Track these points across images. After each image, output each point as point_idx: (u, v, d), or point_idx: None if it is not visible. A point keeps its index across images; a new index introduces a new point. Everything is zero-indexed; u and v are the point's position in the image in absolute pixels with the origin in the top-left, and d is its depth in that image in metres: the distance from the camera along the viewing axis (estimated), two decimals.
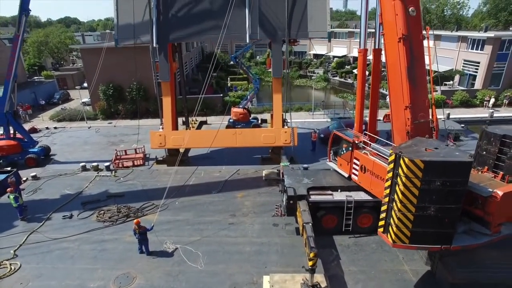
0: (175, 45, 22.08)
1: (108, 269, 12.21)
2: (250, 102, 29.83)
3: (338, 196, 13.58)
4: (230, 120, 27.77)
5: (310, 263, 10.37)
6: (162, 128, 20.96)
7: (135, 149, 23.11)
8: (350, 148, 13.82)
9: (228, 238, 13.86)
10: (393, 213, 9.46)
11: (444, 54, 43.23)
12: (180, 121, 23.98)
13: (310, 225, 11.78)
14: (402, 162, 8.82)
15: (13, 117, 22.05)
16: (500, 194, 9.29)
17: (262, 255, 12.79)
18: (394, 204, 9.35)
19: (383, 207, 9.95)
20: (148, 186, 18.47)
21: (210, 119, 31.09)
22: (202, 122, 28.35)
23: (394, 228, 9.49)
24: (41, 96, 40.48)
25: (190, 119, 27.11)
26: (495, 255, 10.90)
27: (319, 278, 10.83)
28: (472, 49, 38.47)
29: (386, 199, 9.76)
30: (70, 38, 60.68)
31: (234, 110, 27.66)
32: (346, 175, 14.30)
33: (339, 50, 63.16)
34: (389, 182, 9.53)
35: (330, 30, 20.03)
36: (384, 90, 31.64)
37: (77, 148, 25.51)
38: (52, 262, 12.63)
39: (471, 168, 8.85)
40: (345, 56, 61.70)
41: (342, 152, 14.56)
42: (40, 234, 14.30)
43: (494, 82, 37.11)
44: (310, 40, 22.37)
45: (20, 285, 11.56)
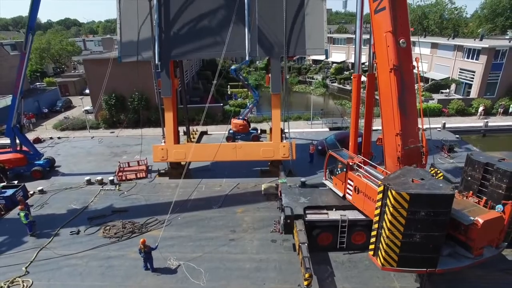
0: (177, 61, 22.79)
1: (115, 286, 12.91)
2: (250, 112, 30.52)
3: (333, 215, 14.29)
4: (230, 131, 28.52)
5: (306, 283, 11.09)
6: (164, 142, 21.70)
7: (138, 161, 23.80)
8: (345, 169, 14.52)
9: (229, 254, 14.56)
10: (382, 238, 10.19)
11: (440, 62, 44.01)
12: (181, 130, 24.53)
13: (306, 245, 12.49)
14: (390, 194, 9.55)
15: (19, 130, 22.79)
16: (481, 222, 10.02)
17: (261, 272, 13.49)
18: (383, 230, 10.08)
19: (373, 232, 10.67)
20: (151, 200, 19.17)
21: (210, 129, 31.88)
22: (202, 133, 29.04)
23: (383, 252, 10.22)
24: (44, 104, 41.18)
25: (191, 129, 27.85)
26: (480, 274, 11.65)
27: None
28: (467, 58, 39.22)
29: (376, 226, 10.48)
30: (72, 44, 61.36)
31: (234, 121, 28.40)
32: (341, 194, 15.00)
33: (338, 55, 63.84)
34: (378, 210, 10.25)
35: (327, 47, 20.71)
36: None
37: (81, 159, 26.21)
38: (62, 279, 13.33)
39: (453, 200, 9.56)
40: (343, 62, 62.37)
41: (337, 172, 15.26)
42: (49, 251, 15.00)
43: (489, 91, 37.86)
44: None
45: None
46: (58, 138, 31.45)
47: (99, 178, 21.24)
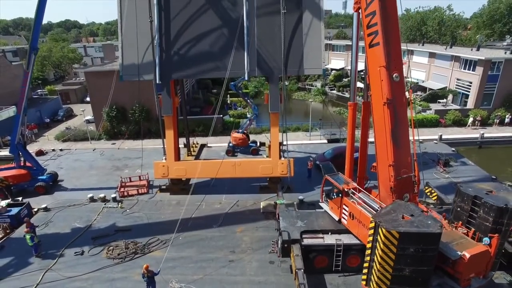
0: (177, 80, 23.28)
1: None
2: (249, 125, 31.00)
3: (329, 239, 14.80)
4: (230, 144, 29.04)
5: None
6: (165, 158, 22.22)
7: (139, 176, 24.29)
8: (340, 194, 15.03)
9: (229, 276, 15.07)
10: (373, 271, 10.72)
11: (438, 72, 44.51)
12: (181, 142, 24.84)
13: (302, 271, 13.01)
14: (380, 231, 10.06)
15: (23, 147, 23.30)
16: (467, 256, 10.55)
17: None
18: (374, 264, 10.61)
19: (365, 264, 11.19)
20: (153, 219, 19.67)
21: (210, 140, 32.32)
22: (202, 145, 29.51)
23: (374, 284, 10.75)
24: (45, 113, 41.71)
25: (191, 141, 28.34)
26: None
27: None
28: (464, 69, 39.73)
29: (368, 258, 11.00)
30: (73, 51, 61.84)
31: (234, 135, 28.92)
32: (337, 219, 15.51)
33: (337, 62, 64.28)
34: (370, 244, 10.77)
35: (325, 67, 21.17)
36: None
37: (83, 173, 26.71)
38: None
39: (440, 237, 10.07)
40: (342, 68, 62.83)
41: (333, 196, 15.77)
42: (54, 272, 15.50)
43: (486, 101, 38.38)
44: None
45: None
46: (60, 150, 31.89)
47: (102, 195, 21.75)
